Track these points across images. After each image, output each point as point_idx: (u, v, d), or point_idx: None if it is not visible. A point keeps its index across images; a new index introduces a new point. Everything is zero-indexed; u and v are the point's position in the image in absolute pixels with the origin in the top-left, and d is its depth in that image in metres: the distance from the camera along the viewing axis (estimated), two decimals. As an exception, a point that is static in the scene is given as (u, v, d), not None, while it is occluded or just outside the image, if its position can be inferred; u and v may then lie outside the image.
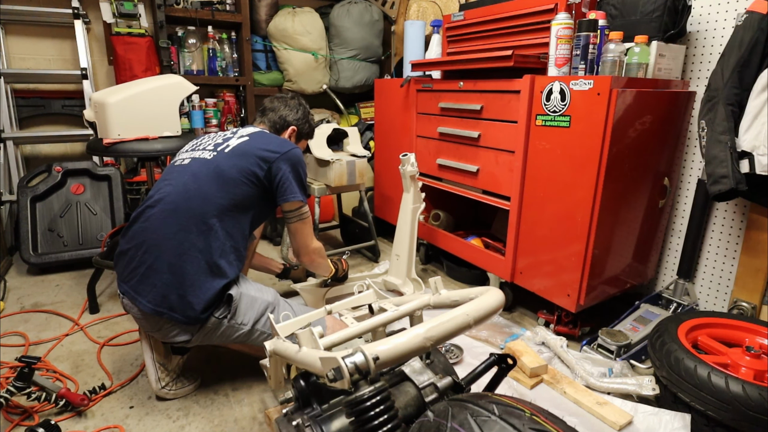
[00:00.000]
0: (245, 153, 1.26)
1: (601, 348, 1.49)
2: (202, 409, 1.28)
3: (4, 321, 1.71)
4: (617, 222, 1.51)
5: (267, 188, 1.28)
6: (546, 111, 1.49)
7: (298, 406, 0.83)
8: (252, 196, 1.25)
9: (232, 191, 1.21)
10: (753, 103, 1.33)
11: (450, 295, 0.96)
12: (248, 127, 1.40)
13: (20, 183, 2.18)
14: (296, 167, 1.30)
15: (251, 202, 1.26)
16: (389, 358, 0.62)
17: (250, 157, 1.25)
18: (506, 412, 0.55)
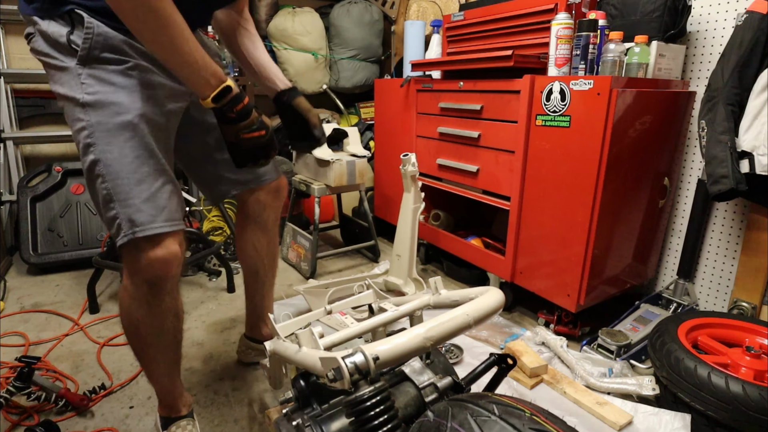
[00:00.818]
0: None
1: (601, 348, 1.49)
2: (202, 409, 1.28)
3: (4, 321, 1.71)
4: (617, 222, 1.51)
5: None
6: (546, 111, 1.49)
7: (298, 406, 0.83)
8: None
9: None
10: (753, 103, 1.33)
11: (450, 295, 0.96)
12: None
13: (20, 183, 2.19)
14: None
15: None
16: (389, 358, 0.62)
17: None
18: (506, 412, 0.55)
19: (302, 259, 2.18)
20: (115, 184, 0.83)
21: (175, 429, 1.10)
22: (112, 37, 0.82)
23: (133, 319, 0.95)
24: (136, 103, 0.82)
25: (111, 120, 0.81)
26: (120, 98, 0.82)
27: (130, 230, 0.84)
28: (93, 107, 0.81)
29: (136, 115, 0.82)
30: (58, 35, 0.81)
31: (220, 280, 2.09)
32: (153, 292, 0.91)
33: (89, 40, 0.80)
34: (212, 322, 1.74)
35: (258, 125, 0.87)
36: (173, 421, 1.11)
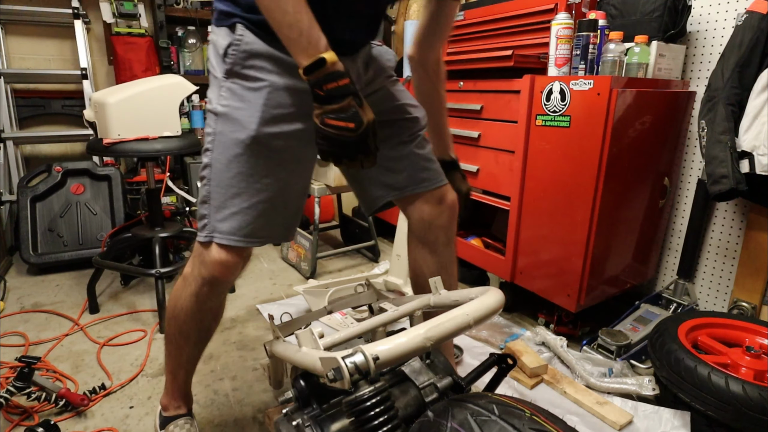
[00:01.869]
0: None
1: (601, 348, 1.49)
2: (202, 409, 1.28)
3: (4, 321, 1.71)
4: (617, 222, 1.51)
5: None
6: (546, 111, 1.49)
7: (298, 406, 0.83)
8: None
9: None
10: (753, 103, 1.33)
11: (450, 295, 0.96)
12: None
13: (20, 183, 2.18)
14: None
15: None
16: (389, 358, 0.62)
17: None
18: (506, 412, 0.54)
19: (302, 259, 2.18)
20: (214, 190, 0.88)
21: (173, 428, 1.10)
22: (258, 51, 0.84)
23: (178, 305, 0.99)
24: (252, 124, 0.84)
25: (229, 134, 0.86)
26: (242, 116, 0.85)
27: (211, 233, 0.90)
28: (221, 118, 0.86)
29: (249, 136, 0.85)
30: (220, 47, 0.86)
31: (220, 280, 2.09)
32: (205, 290, 0.95)
33: (234, 56, 0.85)
34: (212, 322, 1.74)
35: (349, 115, 0.75)
36: (171, 420, 1.12)
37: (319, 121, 0.76)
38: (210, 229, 0.89)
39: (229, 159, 0.86)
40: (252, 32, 0.84)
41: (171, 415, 1.12)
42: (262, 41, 0.84)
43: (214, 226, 0.89)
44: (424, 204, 1.08)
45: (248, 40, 0.84)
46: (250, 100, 0.85)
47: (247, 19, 0.84)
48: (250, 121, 0.84)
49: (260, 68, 0.85)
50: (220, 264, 0.90)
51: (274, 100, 0.85)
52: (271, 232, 0.93)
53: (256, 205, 0.88)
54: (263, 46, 0.84)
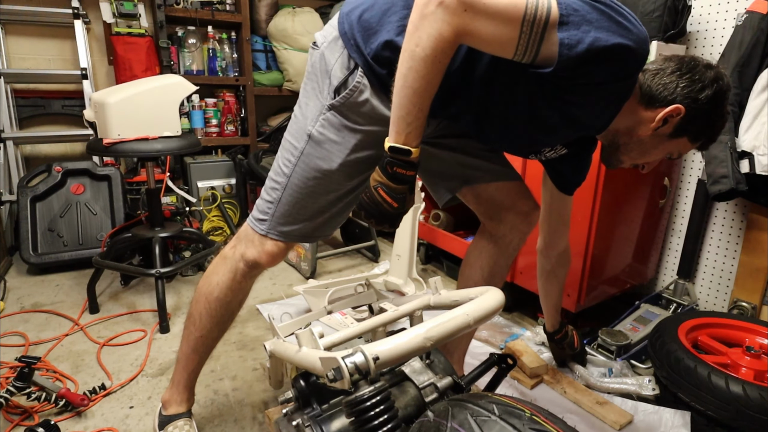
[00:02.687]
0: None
1: (601, 348, 1.49)
2: (202, 409, 1.28)
3: (4, 321, 1.71)
4: (617, 222, 1.51)
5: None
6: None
7: (298, 406, 0.83)
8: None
9: None
10: (753, 103, 1.33)
11: (450, 295, 0.96)
12: None
13: (20, 183, 2.18)
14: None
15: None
16: (389, 358, 0.62)
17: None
18: (506, 412, 0.54)
19: (302, 259, 2.18)
20: (285, 200, 0.97)
21: (171, 429, 1.10)
22: (370, 102, 0.89)
23: (213, 280, 1.06)
24: (339, 159, 0.92)
25: (314, 159, 0.93)
26: (332, 149, 0.92)
27: (270, 230, 0.99)
28: (313, 142, 0.93)
29: (333, 169, 0.93)
30: (335, 77, 0.90)
31: (220, 280, 2.09)
32: (245, 272, 1.03)
33: (347, 98, 0.89)
34: (212, 322, 1.74)
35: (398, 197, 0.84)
36: (170, 420, 1.12)
37: (374, 186, 0.84)
38: (270, 226, 0.99)
39: (308, 179, 0.95)
40: (370, 83, 0.88)
41: (171, 413, 1.12)
42: (375, 94, 0.88)
43: (275, 225, 0.99)
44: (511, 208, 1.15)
45: (365, 90, 0.88)
46: (344, 137, 0.91)
47: (370, 67, 0.87)
48: (338, 156, 0.92)
49: (364, 115, 0.90)
50: (268, 254, 1.00)
51: (364, 144, 0.92)
52: (322, 233, 1.05)
53: (317, 215, 0.99)
54: (375, 99, 0.89)
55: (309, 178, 0.95)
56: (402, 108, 0.78)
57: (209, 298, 1.06)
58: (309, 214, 0.98)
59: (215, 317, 1.07)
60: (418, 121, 0.78)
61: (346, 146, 0.92)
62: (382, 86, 0.87)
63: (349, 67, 0.89)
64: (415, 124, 0.79)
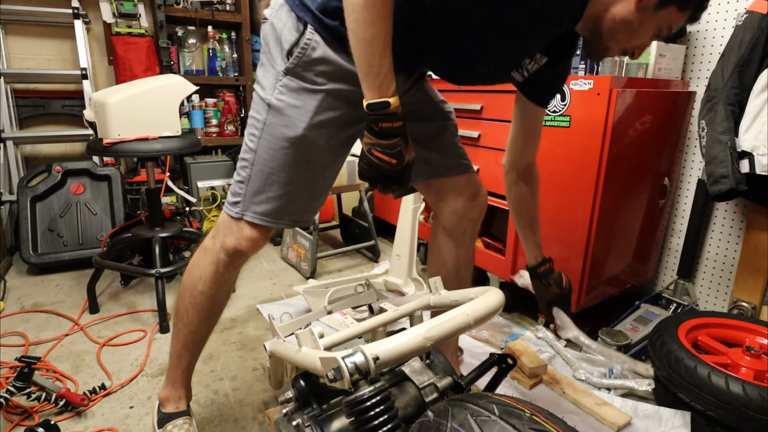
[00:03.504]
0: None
1: (601, 348, 1.49)
2: (202, 409, 1.28)
3: (4, 321, 1.71)
4: (617, 222, 1.51)
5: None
6: (546, 111, 1.49)
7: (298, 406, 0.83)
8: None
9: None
10: (753, 103, 1.33)
11: (450, 295, 0.96)
12: None
13: (20, 183, 2.18)
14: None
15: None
16: (389, 358, 0.62)
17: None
18: (506, 412, 0.54)
19: (302, 259, 2.18)
20: (255, 175, 0.93)
21: (171, 428, 1.10)
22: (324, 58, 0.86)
23: (195, 273, 1.02)
24: (302, 124, 0.88)
25: (278, 128, 0.90)
26: (294, 114, 0.89)
27: (244, 210, 0.95)
28: (273, 110, 0.90)
29: (297, 135, 0.89)
30: (285, 40, 0.87)
31: (220, 280, 2.09)
32: (228, 262, 1.00)
33: (299, 59, 0.86)
34: (212, 322, 1.74)
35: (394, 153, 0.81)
36: (170, 418, 1.11)
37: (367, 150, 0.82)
38: (244, 207, 0.95)
39: (275, 150, 0.91)
40: (322, 38, 0.85)
41: (170, 411, 1.12)
42: (331, 49, 0.86)
43: (248, 205, 0.94)
44: (459, 196, 1.14)
45: (317, 47, 0.86)
46: (305, 100, 0.88)
47: (319, 21, 0.84)
48: (301, 121, 0.88)
49: (322, 73, 0.87)
50: (246, 239, 0.96)
51: (327, 105, 0.89)
52: (299, 216, 0.99)
53: (291, 192, 0.94)
54: (331, 53, 0.86)
55: (276, 149, 0.91)
56: (364, 63, 0.76)
57: (194, 293, 1.03)
58: (282, 190, 0.94)
59: (202, 312, 1.05)
60: (384, 69, 0.77)
61: (307, 109, 0.88)
62: (336, 39, 0.84)
63: (298, 29, 0.86)
64: (384, 73, 0.77)
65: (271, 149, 0.91)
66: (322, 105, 0.88)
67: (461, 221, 1.15)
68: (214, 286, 1.02)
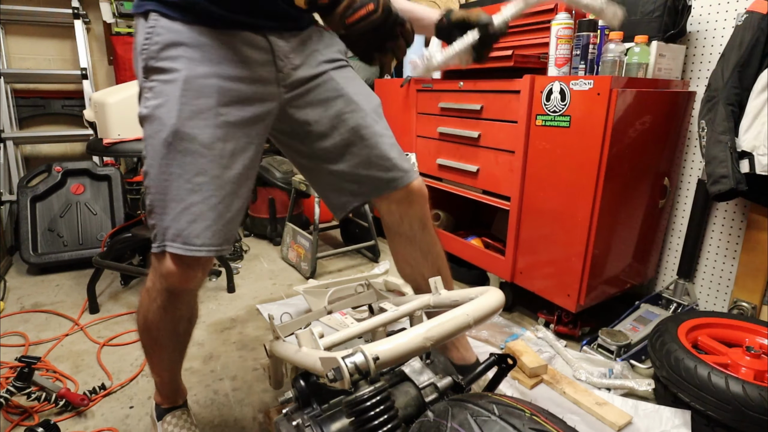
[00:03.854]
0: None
1: (601, 348, 1.49)
2: (202, 409, 1.28)
3: (4, 321, 1.71)
4: (617, 222, 1.51)
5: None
6: (546, 111, 1.49)
7: (298, 406, 0.83)
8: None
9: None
10: (753, 103, 1.33)
11: (450, 295, 0.96)
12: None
13: (20, 183, 2.19)
14: None
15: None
16: (389, 358, 0.62)
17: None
18: (506, 412, 0.55)
19: (302, 259, 2.18)
20: (156, 198, 0.82)
21: (170, 419, 1.11)
22: (174, 40, 0.78)
23: (148, 320, 0.97)
24: (172, 119, 0.78)
25: (155, 135, 0.80)
26: (161, 113, 0.79)
27: (161, 243, 0.83)
28: (146, 120, 0.81)
29: (170, 132, 0.79)
30: (138, 44, 0.81)
31: (220, 280, 2.09)
32: (171, 300, 0.92)
33: (147, 50, 0.79)
34: (212, 322, 1.74)
35: (362, 3, 0.70)
36: (167, 411, 1.12)
37: (343, 30, 0.72)
38: (160, 238, 0.83)
39: (160, 162, 0.80)
40: (167, 17, 0.78)
41: (167, 407, 1.13)
42: (180, 24, 0.78)
43: (164, 234, 0.82)
44: (391, 203, 1.07)
45: (162, 30, 0.78)
46: (167, 94, 0.78)
47: (160, 1, 0.78)
48: (170, 117, 0.78)
49: (175, 58, 0.78)
50: (174, 275, 0.84)
51: (194, 91, 0.79)
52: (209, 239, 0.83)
53: (190, 208, 0.81)
54: (179, 32, 0.78)
55: (161, 161, 0.79)
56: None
57: (152, 335, 0.99)
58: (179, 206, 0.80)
59: (169, 346, 1.01)
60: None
61: (173, 102, 0.78)
62: (180, 10, 0.77)
63: (143, 24, 0.79)
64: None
65: (157, 163, 0.80)
66: (188, 92, 0.78)
67: (403, 222, 1.09)
68: (171, 324, 0.96)
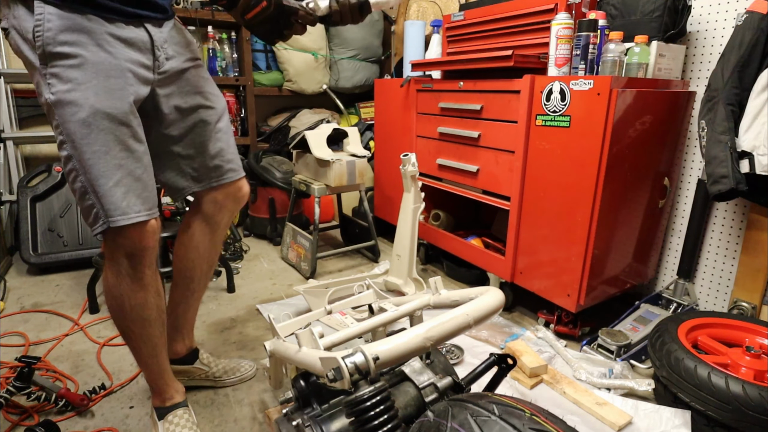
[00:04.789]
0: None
1: (601, 348, 1.49)
2: (202, 409, 1.28)
3: (4, 321, 1.71)
4: (617, 222, 1.51)
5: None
6: (546, 111, 1.49)
7: (298, 406, 0.83)
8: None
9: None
10: (753, 103, 1.33)
11: (450, 295, 0.96)
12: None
13: (20, 183, 2.18)
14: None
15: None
16: (389, 358, 0.62)
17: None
18: (506, 412, 0.55)
19: (302, 259, 2.18)
20: (87, 178, 0.87)
21: (171, 418, 1.10)
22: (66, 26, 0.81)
23: (117, 295, 0.98)
24: (89, 99, 0.84)
25: (71, 118, 0.84)
26: (75, 96, 0.83)
27: (105, 221, 0.88)
28: (57, 106, 0.83)
29: (90, 113, 0.84)
30: (25, 31, 0.82)
31: (220, 280, 2.09)
32: (133, 265, 0.95)
33: (41, 38, 0.81)
34: (212, 322, 1.74)
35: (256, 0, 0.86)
36: (169, 410, 1.12)
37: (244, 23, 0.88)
38: (102, 217, 0.88)
39: (82, 143, 0.84)
40: (52, 4, 0.80)
41: (168, 405, 1.13)
42: (67, 12, 0.81)
43: (105, 212, 0.87)
44: (219, 193, 1.16)
45: (51, 16, 0.80)
46: (76, 78, 0.83)
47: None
48: (85, 98, 0.83)
49: (73, 43, 0.82)
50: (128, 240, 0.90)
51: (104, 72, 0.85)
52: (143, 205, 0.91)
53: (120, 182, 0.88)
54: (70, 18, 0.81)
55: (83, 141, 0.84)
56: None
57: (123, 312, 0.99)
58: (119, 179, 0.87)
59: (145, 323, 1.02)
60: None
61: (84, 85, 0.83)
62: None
63: (28, 13, 0.81)
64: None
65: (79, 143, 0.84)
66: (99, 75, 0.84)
67: (220, 212, 1.17)
68: (139, 294, 0.98)
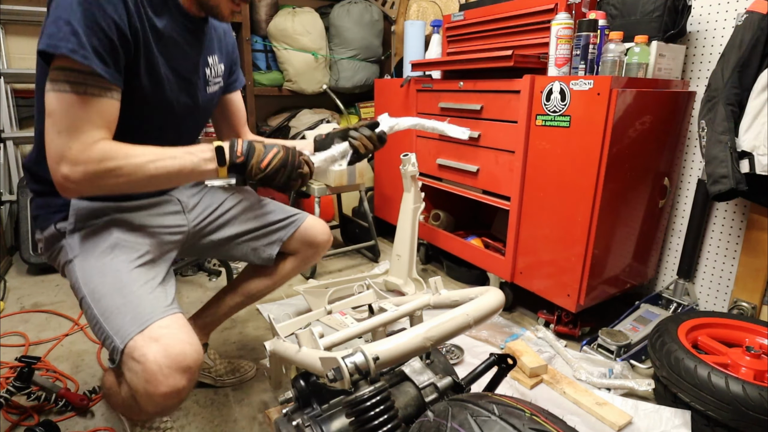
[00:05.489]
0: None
1: (601, 348, 1.49)
2: (202, 409, 1.28)
3: (4, 321, 1.71)
4: (617, 222, 1.51)
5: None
6: (546, 111, 1.49)
7: (298, 406, 0.83)
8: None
9: None
10: (753, 103, 1.33)
11: (450, 295, 0.96)
12: None
13: (20, 183, 2.18)
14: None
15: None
16: (389, 358, 0.62)
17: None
18: (506, 412, 0.55)
19: (302, 259, 2.18)
20: (105, 308, 0.84)
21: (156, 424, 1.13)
22: (92, 207, 0.95)
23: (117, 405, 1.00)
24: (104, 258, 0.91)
25: (90, 256, 0.92)
26: (90, 261, 0.91)
27: (120, 343, 0.80)
28: (79, 258, 0.92)
29: (109, 243, 0.94)
30: (50, 233, 0.96)
31: (220, 280, 2.09)
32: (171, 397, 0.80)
33: (74, 216, 0.94)
34: (212, 322, 1.74)
35: (276, 161, 0.89)
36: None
37: (253, 181, 0.91)
38: (119, 340, 0.78)
39: (99, 281, 0.88)
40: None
41: None
42: (90, 201, 0.96)
43: (121, 334, 0.79)
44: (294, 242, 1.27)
45: (78, 204, 0.95)
46: (92, 244, 0.93)
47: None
48: (98, 258, 0.91)
49: (96, 215, 0.95)
50: (153, 366, 0.74)
51: (116, 240, 0.94)
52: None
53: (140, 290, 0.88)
54: (93, 203, 0.95)
55: (99, 268, 0.89)
56: (178, 178, 0.85)
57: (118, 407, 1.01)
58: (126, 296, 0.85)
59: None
60: (186, 156, 0.85)
61: (99, 249, 0.92)
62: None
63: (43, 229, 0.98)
64: (189, 158, 0.85)
65: (95, 271, 0.88)
66: (112, 242, 0.93)
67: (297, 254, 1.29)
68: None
